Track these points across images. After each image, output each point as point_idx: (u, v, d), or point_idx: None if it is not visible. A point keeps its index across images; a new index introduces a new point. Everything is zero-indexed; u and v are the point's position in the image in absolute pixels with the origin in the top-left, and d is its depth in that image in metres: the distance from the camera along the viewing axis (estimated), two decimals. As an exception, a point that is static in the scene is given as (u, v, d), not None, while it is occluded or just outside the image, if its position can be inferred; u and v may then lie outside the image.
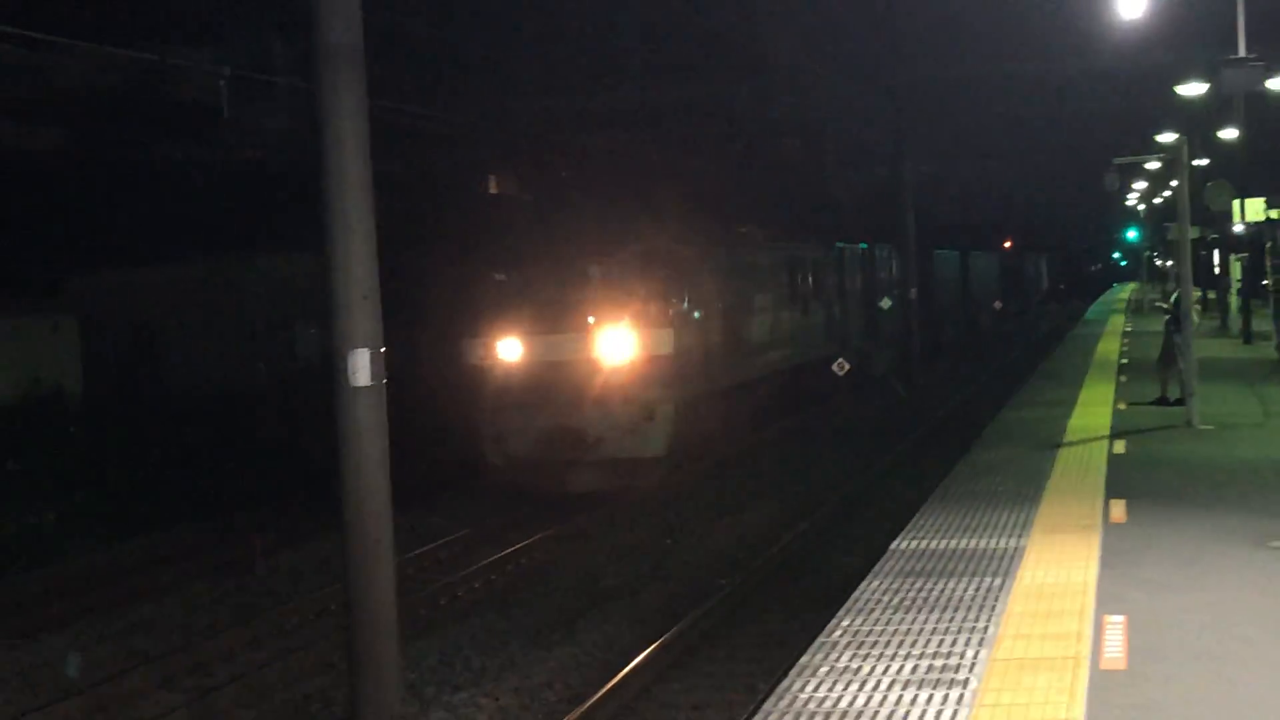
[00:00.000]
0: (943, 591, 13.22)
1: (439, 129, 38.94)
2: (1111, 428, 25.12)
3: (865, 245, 50.42)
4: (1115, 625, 11.67)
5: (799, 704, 10.02)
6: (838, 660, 11.07)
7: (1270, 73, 33.04)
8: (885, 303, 52.68)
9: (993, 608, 12.45)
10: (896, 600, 12.99)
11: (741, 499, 27.51)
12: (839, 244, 46.50)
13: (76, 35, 17.85)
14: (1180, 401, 26.33)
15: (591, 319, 27.16)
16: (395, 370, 18.26)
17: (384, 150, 15.23)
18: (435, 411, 29.69)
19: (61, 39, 16.85)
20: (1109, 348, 47.97)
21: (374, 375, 14.82)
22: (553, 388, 26.76)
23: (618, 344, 26.99)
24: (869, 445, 34.19)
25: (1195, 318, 28.44)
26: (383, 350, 15.08)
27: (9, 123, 35.36)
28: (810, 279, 41.66)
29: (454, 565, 22.07)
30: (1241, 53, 20.04)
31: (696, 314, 29.71)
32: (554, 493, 26.67)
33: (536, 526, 24.43)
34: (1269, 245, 43.04)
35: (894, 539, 16.10)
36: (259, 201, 37.19)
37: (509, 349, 27.24)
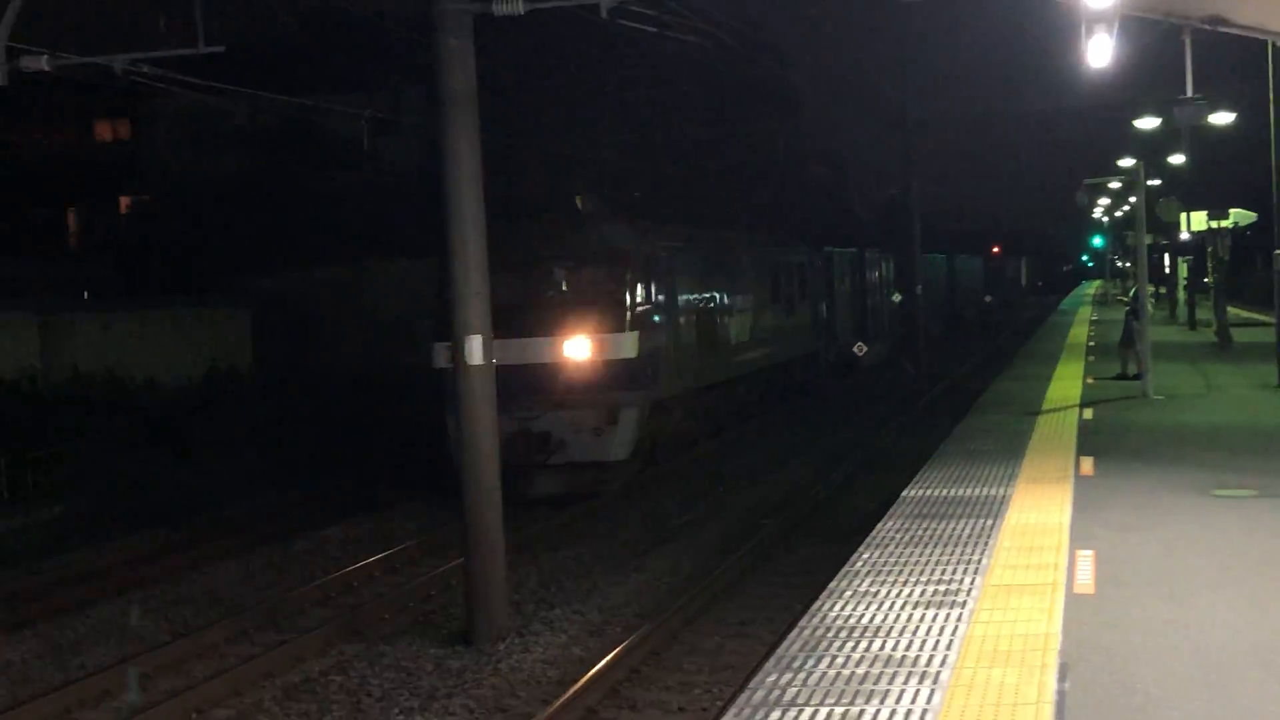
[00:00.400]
0: (945, 530, 13.18)
1: (536, 157, 39.04)
2: (1081, 398, 24.97)
3: (855, 250, 46.05)
4: (1085, 558, 11.61)
5: (828, 620, 10.02)
6: (860, 586, 11.06)
7: (1212, 110, 32.75)
8: (896, 296, 52.31)
9: (986, 543, 12.40)
10: (907, 537, 12.96)
11: (780, 457, 27.44)
12: (828, 249, 41.68)
13: (249, 85, 18.08)
14: (1137, 376, 26.15)
15: (555, 322, 22.64)
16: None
17: (491, 174, 15.26)
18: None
19: (238, 88, 17.04)
20: (1079, 333, 47.62)
21: (484, 356, 14.92)
22: (516, 391, 21.15)
23: (580, 347, 22.44)
24: (882, 414, 34.05)
25: (1150, 308, 28.18)
26: (492, 337, 15.18)
27: (197, 154, 35.72)
28: (795, 281, 36.12)
29: (547, 514, 22.11)
30: (1189, 93, 19.80)
31: (665, 316, 24.64)
32: (515, 498, 21.11)
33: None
34: (1210, 250, 42.71)
35: (904, 488, 16.06)
36: (393, 217, 37.43)
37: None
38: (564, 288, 23.29)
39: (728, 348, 28.88)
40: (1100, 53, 15.06)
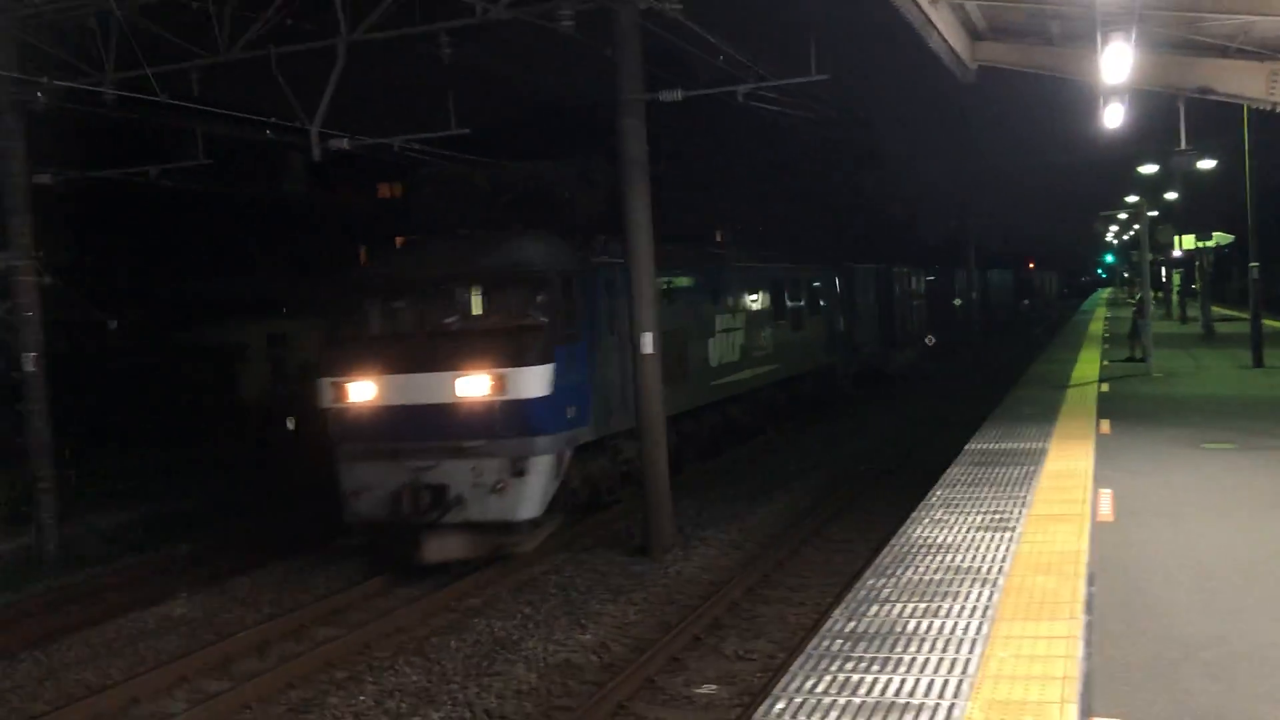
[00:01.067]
0: (998, 474, 12.93)
1: (684, 200, 38.96)
2: (1099, 375, 24.23)
3: (879, 264, 36.11)
4: (1106, 495, 11.32)
5: (911, 540, 9.92)
6: (934, 515, 10.92)
7: (1200, 158, 31.51)
8: (957, 301, 51.08)
9: (1029, 484, 12.15)
10: (970, 479, 12.75)
11: (868, 422, 27.15)
12: (848, 264, 31.94)
13: (485, 154, 18.55)
14: (1143, 359, 25.34)
15: (452, 355, 14.22)
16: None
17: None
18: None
19: (478, 157, 17.50)
20: (1096, 328, 46.15)
21: (653, 347, 15.00)
22: (407, 435, 14.19)
23: (477, 384, 14.02)
24: (945, 390, 33.44)
25: (1152, 308, 27.27)
26: (659, 332, 15.24)
27: (451, 206, 36.41)
28: (804, 296, 26.90)
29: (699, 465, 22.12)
30: (1183, 146, 19.21)
31: (603, 343, 15.88)
32: (410, 562, 14.28)
33: (731, 447, 24.16)
34: (1197, 263, 41.29)
35: (967, 442, 15.79)
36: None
37: (360, 390, 14.46)
38: (465, 314, 14.89)
39: (706, 370, 20.20)
40: (1114, 117, 14.66)
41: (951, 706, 6.01)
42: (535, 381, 14.10)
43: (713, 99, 16.23)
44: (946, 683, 6.37)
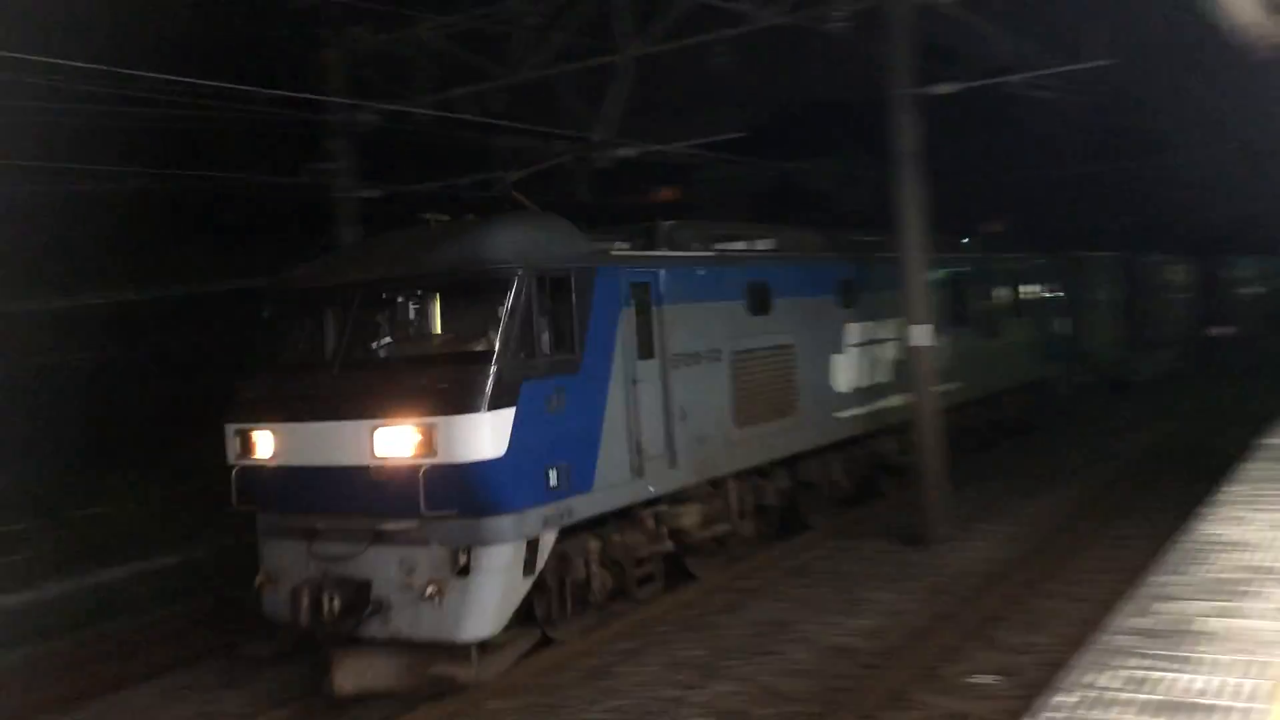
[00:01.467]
0: (1298, 471, 11.89)
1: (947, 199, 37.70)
2: None
3: (1120, 254, 29.87)
4: None
5: (1201, 536, 9.28)
6: (1224, 512, 10.16)
7: None
8: (1245, 291, 46.99)
9: (1335, 482, 11.12)
10: (1262, 476, 11.73)
11: (1149, 417, 25.50)
12: (1074, 254, 25.96)
13: (755, 155, 18.79)
14: None
15: (370, 397, 9.28)
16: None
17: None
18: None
19: (747, 158, 17.69)
20: None
21: (925, 339, 14.73)
22: (318, 510, 9.64)
23: (399, 440, 9.04)
24: (1230, 385, 30.93)
25: None
26: (932, 325, 14.94)
27: (722, 206, 36.89)
28: (1001, 296, 20.91)
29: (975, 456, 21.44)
30: None
31: (621, 372, 10.57)
32: (319, 691, 9.70)
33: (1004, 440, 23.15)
34: None
35: (1255, 437, 14.58)
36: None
37: (263, 442, 9.86)
38: (400, 337, 9.87)
39: (833, 398, 15.01)
40: None
41: (1265, 712, 5.63)
42: (482, 435, 9.00)
43: (988, 88, 15.66)
44: (1252, 686, 5.97)
